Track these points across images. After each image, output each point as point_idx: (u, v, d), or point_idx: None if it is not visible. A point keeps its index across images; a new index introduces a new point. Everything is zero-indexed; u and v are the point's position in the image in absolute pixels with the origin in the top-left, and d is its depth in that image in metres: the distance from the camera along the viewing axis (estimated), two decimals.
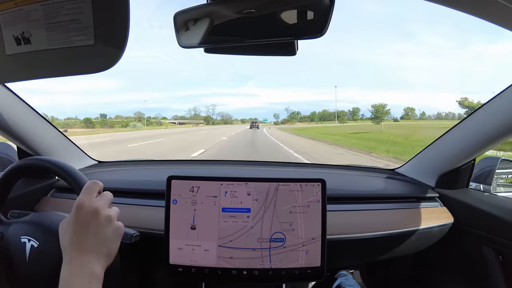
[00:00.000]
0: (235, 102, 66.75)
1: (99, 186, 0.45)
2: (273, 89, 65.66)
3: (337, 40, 66.81)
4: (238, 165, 1.24)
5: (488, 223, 0.73)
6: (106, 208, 0.44)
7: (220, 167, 1.20)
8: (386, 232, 0.77)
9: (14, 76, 0.43)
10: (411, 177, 0.97)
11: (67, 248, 0.41)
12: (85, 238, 0.41)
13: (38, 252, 0.51)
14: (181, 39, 0.44)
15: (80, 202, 0.42)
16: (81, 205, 0.42)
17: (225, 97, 64.41)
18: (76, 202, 0.42)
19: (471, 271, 0.81)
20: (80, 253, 0.40)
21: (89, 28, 0.33)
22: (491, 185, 0.85)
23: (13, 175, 0.57)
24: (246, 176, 0.67)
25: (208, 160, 1.42)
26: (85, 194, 0.43)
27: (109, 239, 0.43)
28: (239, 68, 77.79)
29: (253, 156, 6.63)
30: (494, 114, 0.69)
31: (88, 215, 0.42)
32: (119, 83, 56.50)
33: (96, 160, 1.12)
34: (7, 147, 0.95)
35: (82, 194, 0.43)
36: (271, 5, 0.41)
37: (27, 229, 0.53)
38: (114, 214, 0.44)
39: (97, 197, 0.44)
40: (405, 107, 50.06)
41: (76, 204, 0.42)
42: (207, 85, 67.71)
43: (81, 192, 0.44)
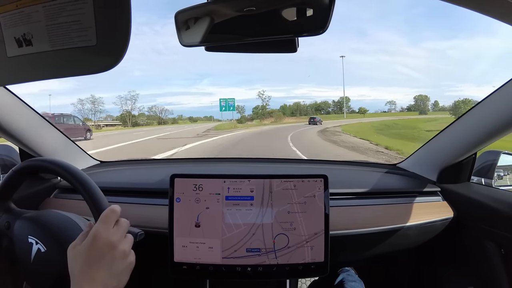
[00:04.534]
0: (191, 100, 58.47)
1: (116, 215, 0.44)
2: (229, 87, 57.71)
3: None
4: (241, 162, 1.24)
5: (490, 217, 0.73)
6: (122, 242, 0.43)
7: (222, 165, 1.21)
8: (388, 227, 0.77)
9: (15, 78, 0.43)
10: (413, 172, 0.97)
11: (77, 276, 0.40)
12: (98, 271, 0.40)
13: (44, 258, 0.51)
14: (182, 37, 0.44)
15: (97, 233, 0.41)
16: (98, 236, 0.41)
17: (181, 96, 57.51)
18: (93, 232, 0.41)
19: (473, 265, 0.82)
20: (90, 284, 0.39)
21: (91, 29, 0.32)
22: (492, 179, 0.85)
23: (28, 172, 0.56)
24: (249, 173, 0.67)
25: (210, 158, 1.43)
26: (102, 224, 0.42)
27: (121, 273, 0.42)
28: (197, 66, 74.24)
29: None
30: (495, 108, 0.69)
31: (104, 248, 0.41)
32: (67, 85, 54.07)
33: (98, 160, 1.13)
34: (9, 149, 0.96)
35: (99, 223, 0.42)
36: (271, 3, 0.41)
37: (35, 230, 0.53)
38: (128, 249, 0.44)
39: (115, 227, 0.43)
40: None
41: (93, 234, 0.41)
42: (162, 84, 61.54)
43: (98, 221, 0.43)
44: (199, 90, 53.83)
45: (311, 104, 38.81)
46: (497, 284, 0.73)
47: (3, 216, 0.57)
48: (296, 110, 36.81)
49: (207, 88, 55.88)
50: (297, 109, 36.85)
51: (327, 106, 40.11)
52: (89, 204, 0.49)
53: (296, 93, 57.33)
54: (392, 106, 39.92)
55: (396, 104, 40.72)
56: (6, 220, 0.56)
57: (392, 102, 41.14)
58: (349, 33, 77.76)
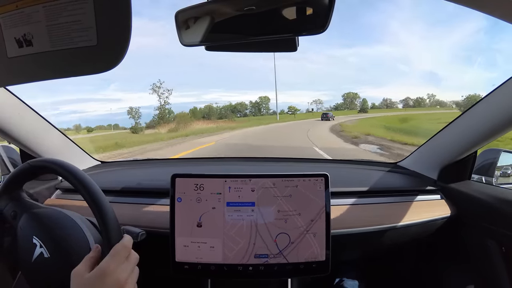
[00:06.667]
0: (97, 108, 46.41)
1: (128, 251, 0.43)
2: (138, 93, 45.13)
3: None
4: (242, 162, 1.24)
5: (491, 215, 0.73)
6: (130, 280, 0.42)
7: (223, 164, 1.21)
8: (389, 225, 0.77)
9: (16, 78, 0.43)
10: (413, 170, 0.97)
11: None
12: None
13: (46, 263, 0.50)
14: (182, 37, 0.44)
15: (107, 269, 0.40)
16: (107, 272, 0.40)
17: (86, 103, 43.94)
18: (102, 267, 0.40)
19: (474, 263, 0.82)
20: None
21: (91, 29, 0.32)
22: (493, 177, 0.85)
23: (39, 170, 0.55)
24: (250, 172, 0.67)
25: (211, 157, 1.43)
26: (113, 260, 0.41)
27: None
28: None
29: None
30: (495, 106, 0.69)
31: (112, 287, 0.39)
32: None
33: (99, 160, 1.13)
34: (10, 150, 0.96)
35: (110, 258, 0.41)
36: (271, 2, 0.41)
37: (41, 231, 0.52)
38: (134, 285, 0.43)
39: (124, 264, 0.42)
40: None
41: (102, 269, 0.40)
42: (67, 91, 44.98)
43: (109, 255, 0.42)
44: (106, 96, 45.76)
45: (225, 106, 34.36)
46: (497, 282, 0.73)
47: (10, 204, 0.56)
48: (208, 113, 31.66)
49: (114, 94, 47.68)
50: (209, 112, 31.82)
51: (244, 107, 36.08)
52: (102, 231, 0.47)
53: (206, 98, 54.26)
54: (319, 105, 38.30)
55: (323, 103, 39.47)
56: (13, 209, 0.55)
57: (318, 101, 39.16)
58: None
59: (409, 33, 71.48)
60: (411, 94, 41.45)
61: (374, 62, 65.61)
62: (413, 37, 68.83)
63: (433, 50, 61.59)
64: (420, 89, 49.71)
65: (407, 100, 36.20)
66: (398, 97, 42.10)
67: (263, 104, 35.39)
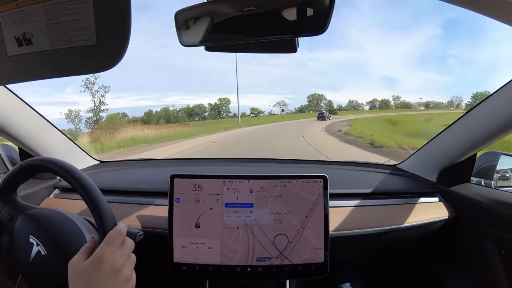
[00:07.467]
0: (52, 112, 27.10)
1: (122, 236, 0.43)
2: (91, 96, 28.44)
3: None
4: (241, 163, 1.24)
5: (490, 218, 0.73)
6: (126, 266, 0.42)
7: (222, 165, 1.20)
8: (388, 227, 0.77)
9: (15, 77, 0.43)
10: (413, 173, 0.97)
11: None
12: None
13: (44, 261, 0.50)
14: (182, 37, 0.44)
15: (102, 256, 0.40)
16: (103, 259, 0.40)
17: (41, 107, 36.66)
18: (97, 253, 0.40)
19: (473, 265, 0.81)
20: None
21: (91, 28, 0.32)
22: (492, 180, 0.85)
23: (35, 170, 0.55)
24: (249, 173, 0.67)
25: (210, 158, 1.43)
26: (107, 246, 0.41)
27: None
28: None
29: None
30: (495, 109, 0.69)
31: (108, 273, 0.39)
32: None
33: (98, 160, 1.13)
34: (9, 149, 0.96)
35: (104, 244, 0.41)
36: (271, 3, 0.41)
37: (37, 230, 0.52)
38: (131, 273, 0.43)
39: (120, 250, 0.42)
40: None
41: (97, 256, 0.40)
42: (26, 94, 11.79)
43: (104, 242, 0.42)
44: (62, 99, 41.87)
45: (182, 109, 31.12)
46: (497, 284, 0.73)
47: (5, 208, 0.55)
48: (163, 116, 28.09)
49: (71, 97, 43.75)
50: (166, 115, 28.30)
51: (203, 110, 32.48)
52: (96, 218, 0.47)
53: (166, 101, 51.12)
54: (283, 107, 35.81)
55: (287, 105, 37.28)
56: (8, 212, 0.55)
57: (282, 103, 36.47)
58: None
59: (368, 39, 71.82)
60: (374, 96, 41.52)
61: (333, 67, 66.35)
62: (371, 43, 69.36)
63: (390, 55, 62.55)
64: (380, 92, 49.82)
65: (374, 101, 35.84)
66: (364, 99, 41.98)
67: (223, 107, 33.15)
